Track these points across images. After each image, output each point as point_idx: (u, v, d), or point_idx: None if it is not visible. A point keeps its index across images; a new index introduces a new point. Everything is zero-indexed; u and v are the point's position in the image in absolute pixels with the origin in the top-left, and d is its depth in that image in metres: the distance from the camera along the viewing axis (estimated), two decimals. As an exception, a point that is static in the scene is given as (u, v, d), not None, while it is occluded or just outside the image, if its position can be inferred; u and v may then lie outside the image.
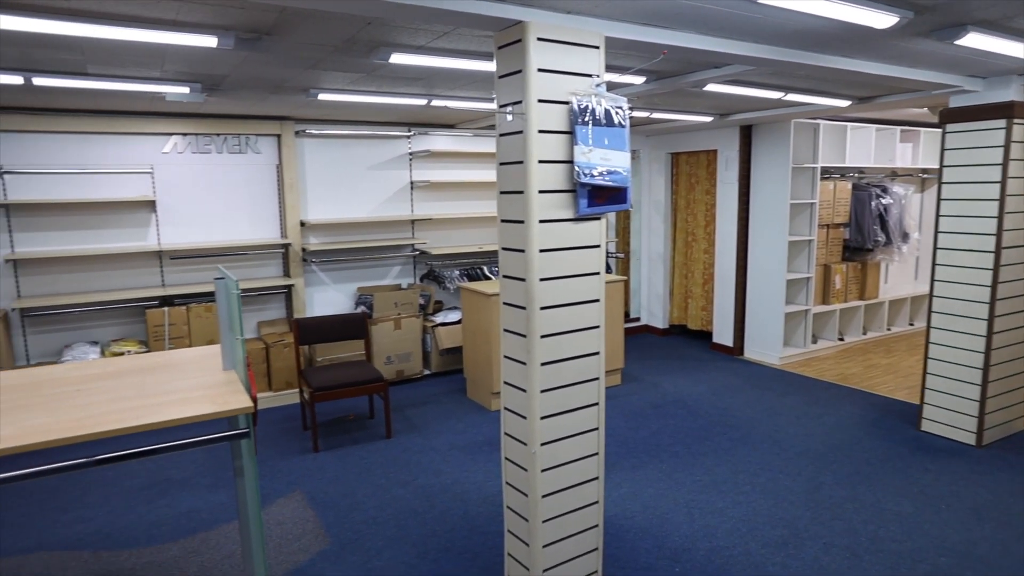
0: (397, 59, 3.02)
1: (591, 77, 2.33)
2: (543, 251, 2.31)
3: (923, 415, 4.39)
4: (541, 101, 2.22)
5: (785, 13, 2.42)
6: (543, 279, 2.33)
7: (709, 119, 5.66)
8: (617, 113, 2.34)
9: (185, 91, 3.77)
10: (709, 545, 3.05)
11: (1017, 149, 3.87)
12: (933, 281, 4.25)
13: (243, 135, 5.12)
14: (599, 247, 2.46)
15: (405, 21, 2.44)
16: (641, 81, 3.83)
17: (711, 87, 3.89)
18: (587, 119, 2.28)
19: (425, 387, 5.51)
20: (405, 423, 4.69)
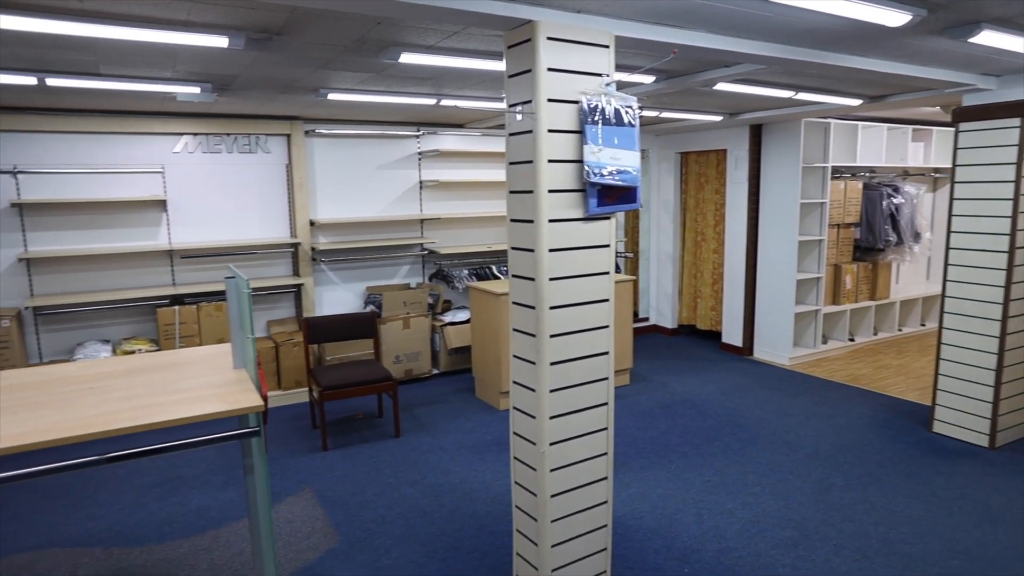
0: (407, 59, 3.03)
1: (601, 76, 2.32)
2: (552, 251, 2.31)
3: (935, 416, 4.36)
4: (551, 100, 2.22)
5: (797, 11, 2.40)
6: (552, 279, 2.32)
7: (719, 118, 5.63)
8: (627, 112, 2.33)
9: (196, 91, 3.79)
10: (718, 546, 3.04)
11: (1031, 148, 3.84)
12: (945, 281, 4.22)
13: (253, 135, 5.15)
14: (609, 247, 2.46)
15: (415, 21, 2.44)
16: (651, 80, 3.81)
17: (721, 86, 3.87)
18: (597, 118, 2.27)
19: (434, 386, 5.52)
20: (414, 422, 4.70)
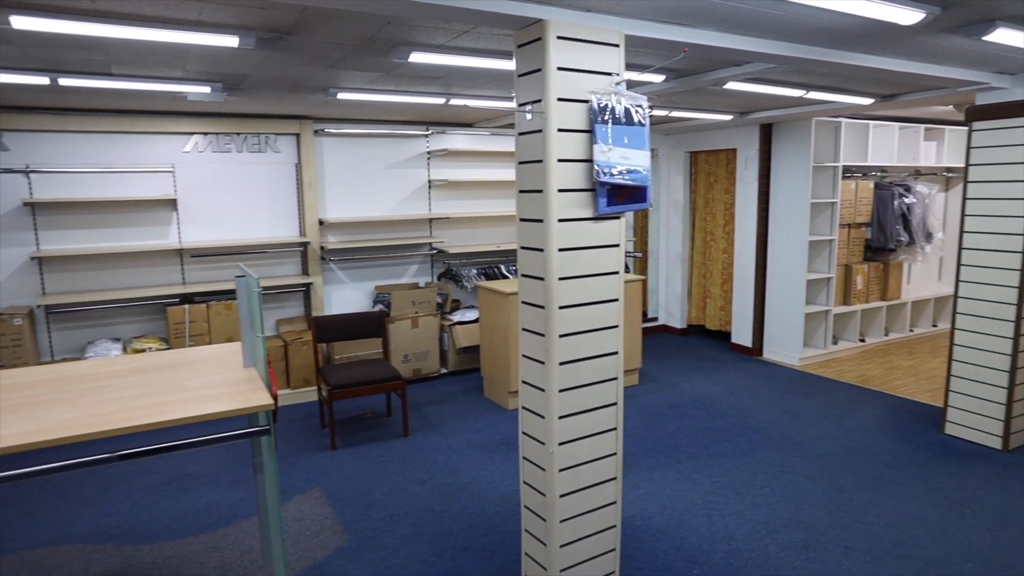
0: (416, 58, 3.03)
1: (611, 75, 2.31)
2: (562, 250, 2.30)
3: (947, 418, 4.32)
4: (561, 100, 2.21)
5: (808, 10, 2.39)
6: (562, 278, 2.32)
7: (729, 117, 5.61)
8: (637, 111, 2.32)
9: (206, 91, 3.81)
10: (728, 547, 3.02)
11: (1046, 147, 3.79)
12: (958, 282, 4.18)
13: (263, 134, 5.17)
14: (618, 246, 2.45)
15: (425, 20, 2.45)
16: (661, 79, 3.80)
17: (731, 85, 3.85)
18: (607, 118, 2.26)
19: (442, 386, 5.53)
20: (422, 421, 4.70)
